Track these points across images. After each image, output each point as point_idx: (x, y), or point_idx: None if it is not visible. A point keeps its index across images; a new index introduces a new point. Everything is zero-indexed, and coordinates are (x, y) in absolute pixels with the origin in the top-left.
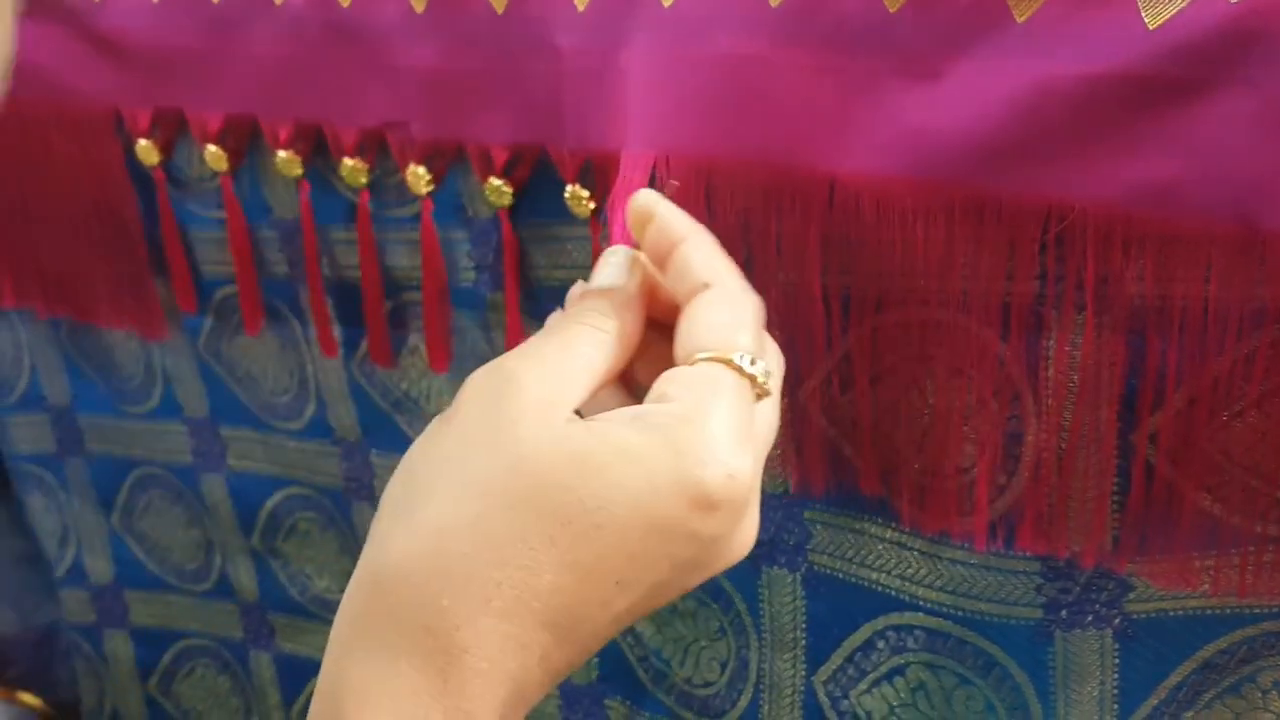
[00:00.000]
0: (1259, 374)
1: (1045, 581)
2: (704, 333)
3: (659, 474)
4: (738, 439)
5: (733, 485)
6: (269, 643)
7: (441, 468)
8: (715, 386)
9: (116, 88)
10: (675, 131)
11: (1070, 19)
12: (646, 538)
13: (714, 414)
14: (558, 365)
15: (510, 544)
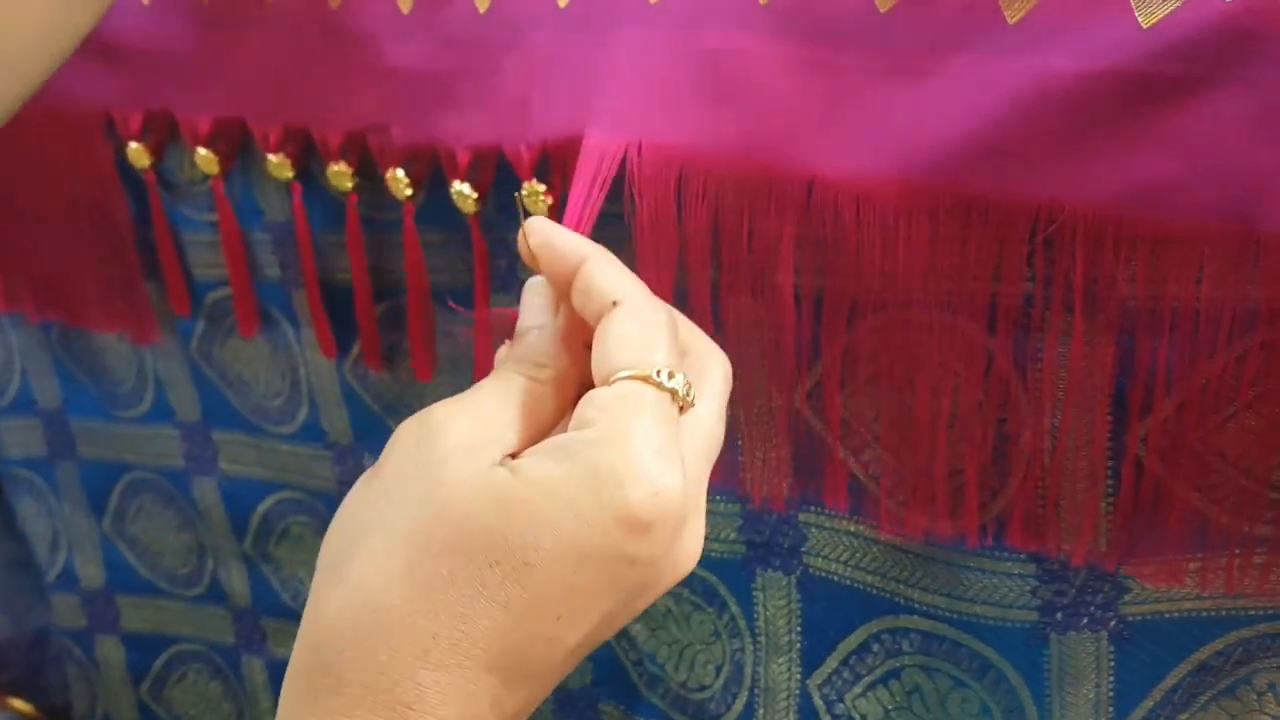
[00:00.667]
0: (1250, 375)
1: (1040, 584)
2: (616, 351)
3: (582, 503)
4: (661, 455)
5: (660, 502)
6: (261, 648)
7: (370, 520)
8: (632, 404)
9: (107, 90)
10: (649, 119)
11: (1063, 19)
12: (580, 569)
13: (633, 433)
14: (486, 411)
15: (440, 592)
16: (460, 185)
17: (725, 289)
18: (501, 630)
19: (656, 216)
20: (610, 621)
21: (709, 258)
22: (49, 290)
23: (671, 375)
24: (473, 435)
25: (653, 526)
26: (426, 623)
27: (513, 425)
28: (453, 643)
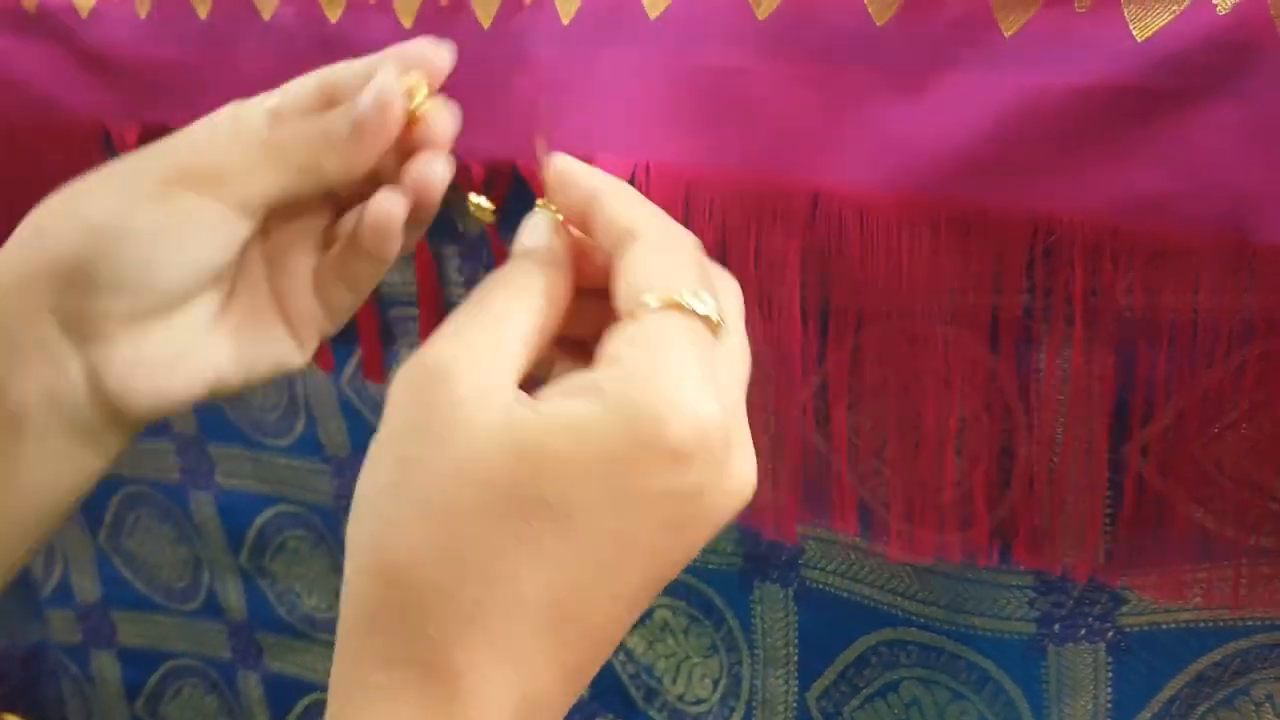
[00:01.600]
0: (1249, 386)
1: (1038, 595)
2: (643, 281)
3: (618, 444)
4: (698, 383)
5: (702, 432)
6: (257, 662)
7: (389, 497)
8: (665, 335)
9: (104, 103)
10: (655, 139)
11: (1058, 33)
12: (624, 514)
13: (668, 365)
14: (487, 342)
15: (479, 559)
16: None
17: None
18: (550, 588)
19: None
20: (667, 560)
21: None
22: None
23: (702, 299)
24: (480, 375)
25: (694, 456)
26: (470, 591)
27: (513, 352)
28: (500, 608)
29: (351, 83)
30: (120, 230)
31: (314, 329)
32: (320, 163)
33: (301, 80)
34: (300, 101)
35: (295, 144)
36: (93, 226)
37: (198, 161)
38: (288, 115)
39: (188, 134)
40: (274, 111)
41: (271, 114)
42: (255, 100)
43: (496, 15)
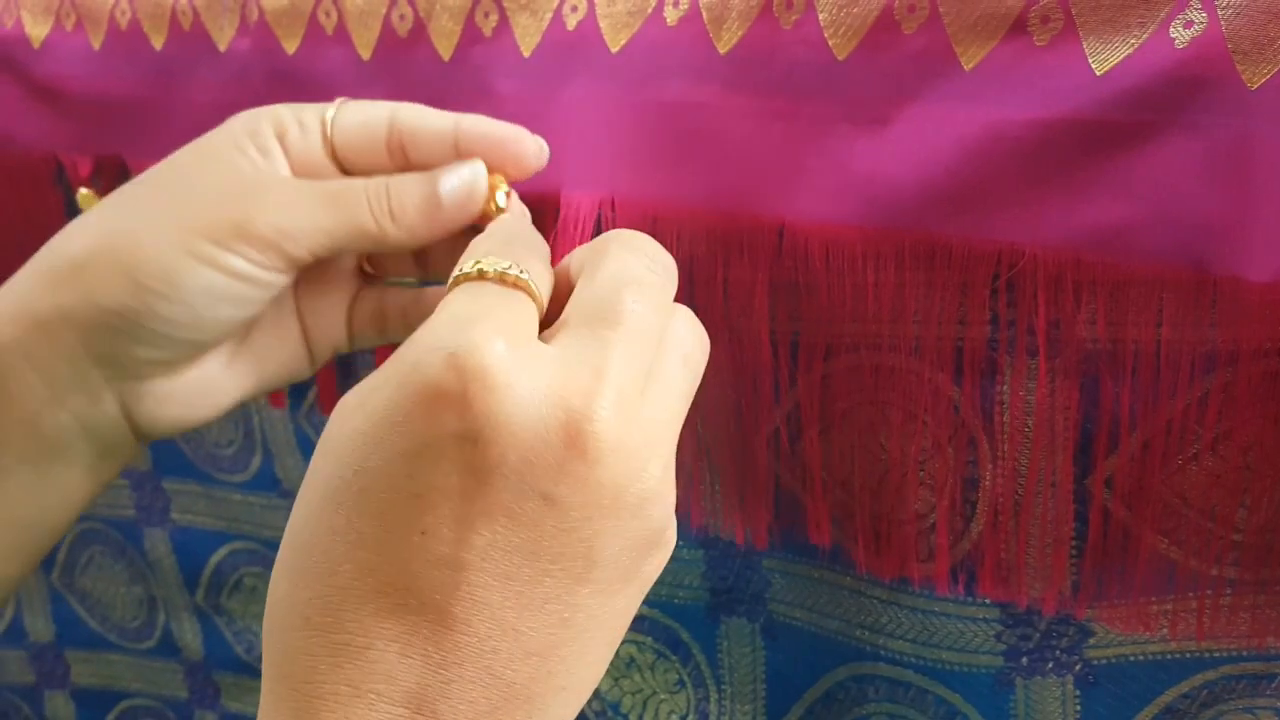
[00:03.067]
0: (1212, 417)
1: (1005, 628)
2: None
3: (387, 399)
4: (460, 324)
5: (457, 362)
6: (215, 703)
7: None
8: (451, 295)
9: (56, 135)
10: (620, 174)
11: (1018, 66)
12: (413, 469)
13: (436, 319)
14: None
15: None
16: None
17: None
18: (369, 570)
19: None
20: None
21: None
22: None
23: (478, 263)
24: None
25: (449, 392)
26: (300, 593)
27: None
28: (324, 600)
29: (427, 140)
30: (170, 291)
31: (331, 349)
32: (384, 231)
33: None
34: (366, 136)
35: (360, 208)
36: (142, 285)
37: (254, 222)
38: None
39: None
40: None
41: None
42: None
43: (456, 47)
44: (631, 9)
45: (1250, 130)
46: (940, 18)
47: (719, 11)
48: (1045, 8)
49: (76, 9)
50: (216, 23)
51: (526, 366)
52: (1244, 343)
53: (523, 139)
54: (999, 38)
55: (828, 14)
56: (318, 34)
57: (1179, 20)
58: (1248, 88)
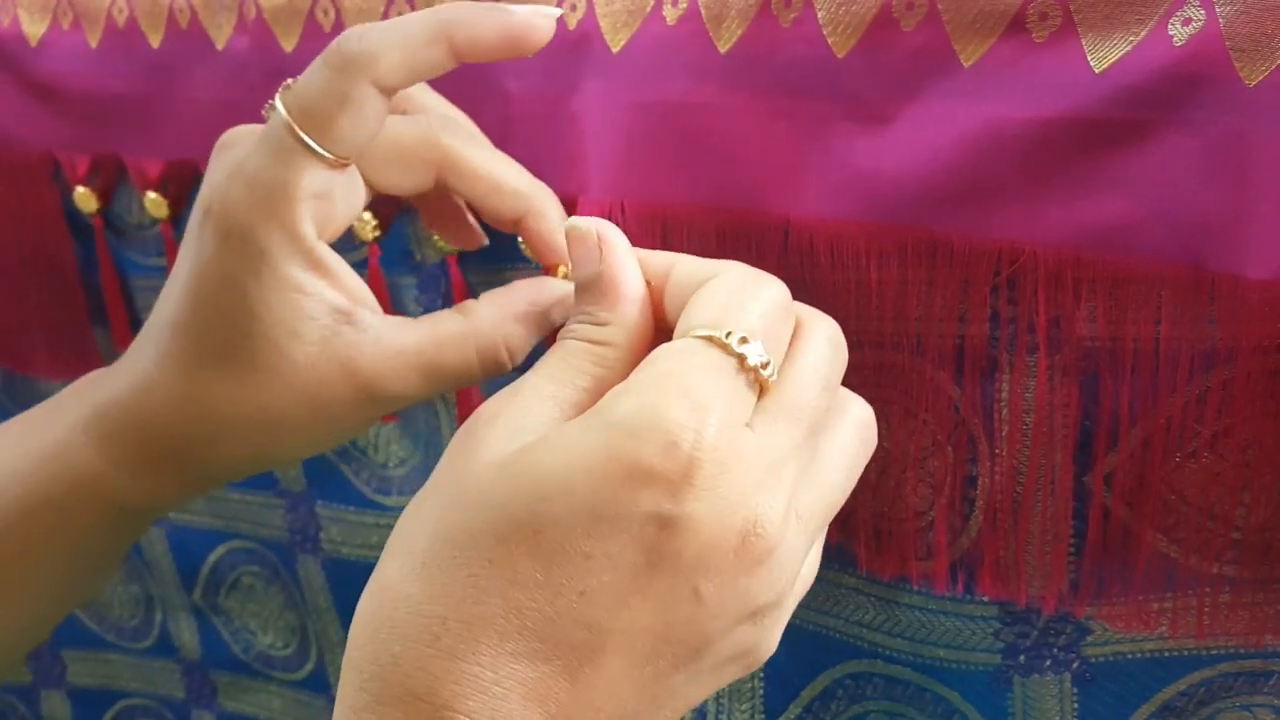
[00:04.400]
0: (1211, 414)
1: (1003, 626)
2: (698, 312)
3: (594, 457)
4: (688, 407)
5: (673, 452)
6: (211, 702)
7: (400, 528)
8: (682, 359)
9: (54, 134)
10: (630, 178)
11: (1017, 63)
12: (594, 533)
13: (661, 382)
14: (532, 395)
15: (452, 578)
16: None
17: None
18: (517, 610)
19: None
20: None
21: None
22: None
23: (746, 340)
24: (512, 423)
25: (656, 476)
26: (435, 608)
27: (569, 400)
28: (463, 626)
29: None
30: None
31: None
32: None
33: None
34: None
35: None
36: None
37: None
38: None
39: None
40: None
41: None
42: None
43: None
44: (630, 7)
45: (1248, 127)
46: (939, 15)
47: (718, 10)
48: (1044, 5)
49: (74, 7)
50: (214, 21)
51: (734, 468)
52: (1243, 340)
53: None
54: (998, 35)
55: (826, 11)
56: (316, 32)
57: (1177, 17)
58: (1245, 85)
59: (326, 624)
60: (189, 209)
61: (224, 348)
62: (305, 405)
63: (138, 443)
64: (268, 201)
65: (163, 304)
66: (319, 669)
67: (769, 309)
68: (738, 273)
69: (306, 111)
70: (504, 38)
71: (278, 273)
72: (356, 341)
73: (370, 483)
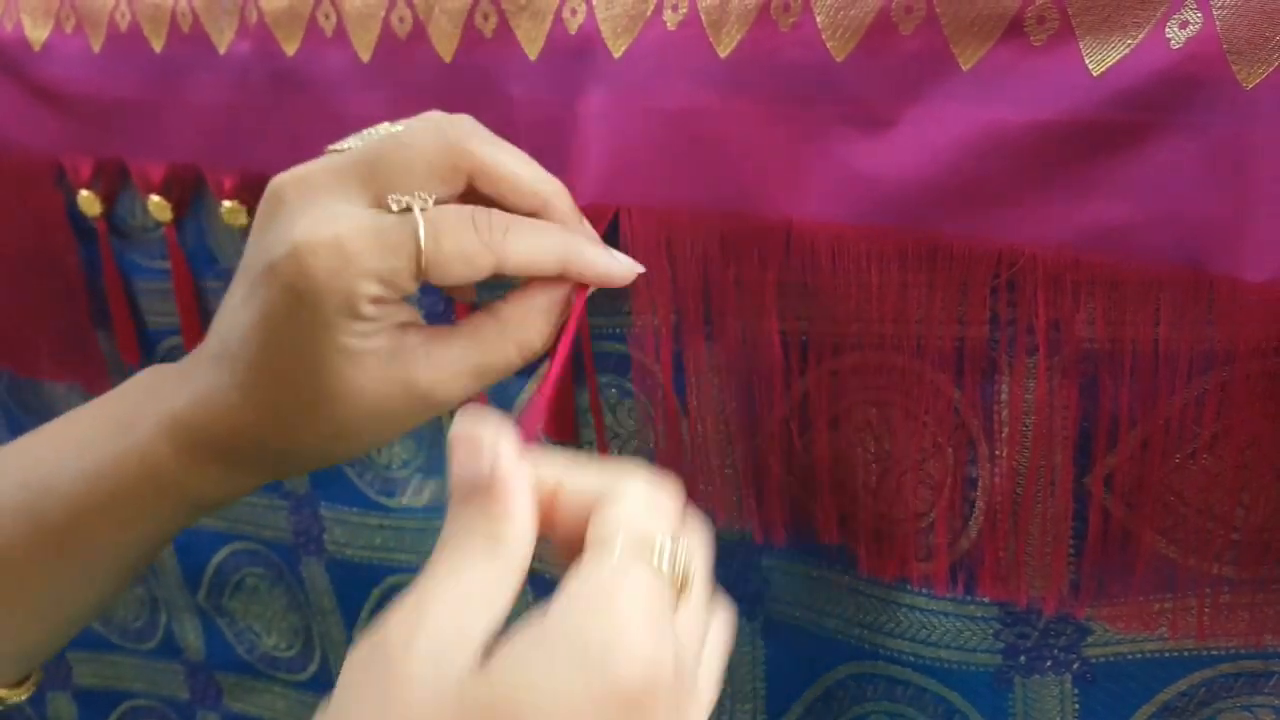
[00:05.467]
0: (1210, 416)
1: (1004, 627)
2: (619, 519)
3: (570, 690)
4: (649, 630)
5: (651, 677)
6: (216, 703)
7: None
8: (624, 581)
9: (57, 138)
10: (634, 183)
11: (1015, 67)
12: None
13: (622, 609)
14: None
15: None
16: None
17: (716, 335)
18: None
19: (651, 275)
20: None
21: (702, 308)
22: None
23: (666, 558)
24: (435, 646)
25: (642, 705)
26: None
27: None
28: None
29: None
30: None
31: None
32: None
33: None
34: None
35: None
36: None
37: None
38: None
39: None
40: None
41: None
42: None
43: (457, 49)
44: (630, 12)
45: (1246, 130)
46: (938, 19)
47: (717, 15)
48: (1041, 8)
49: (76, 11)
50: (216, 25)
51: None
52: (1241, 342)
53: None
54: (996, 38)
55: (825, 16)
56: (317, 35)
57: (1174, 20)
58: (1243, 87)
59: (330, 625)
60: (191, 212)
61: (297, 383)
62: (370, 418)
63: (219, 451)
64: (350, 283)
65: (230, 332)
66: (323, 670)
67: (676, 510)
68: (644, 476)
69: (437, 259)
70: (602, 276)
71: (345, 328)
72: (412, 359)
73: (374, 484)
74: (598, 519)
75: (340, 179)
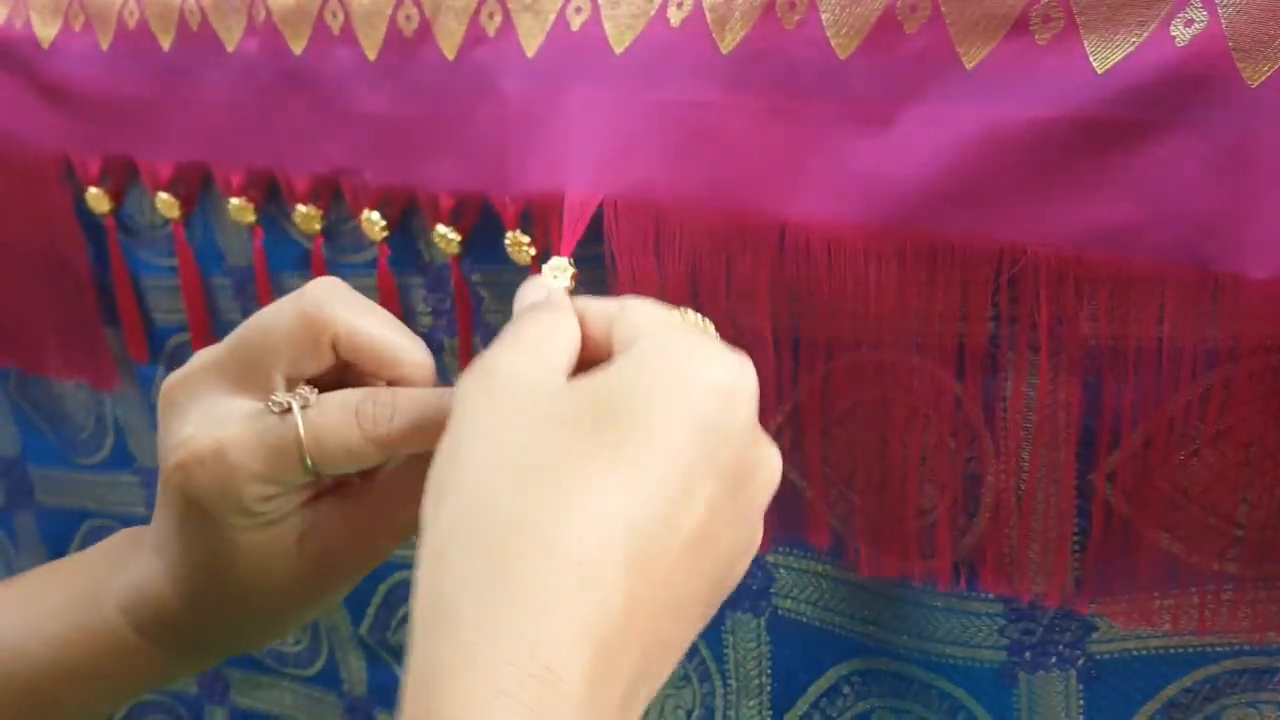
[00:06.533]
0: (1213, 413)
1: (1008, 623)
2: (644, 317)
3: (678, 379)
4: (727, 348)
5: (742, 373)
6: (224, 698)
7: (462, 456)
8: (683, 326)
9: (66, 135)
10: (623, 173)
11: (1019, 65)
12: (686, 439)
13: (698, 335)
14: (535, 343)
15: (552, 490)
16: (444, 229)
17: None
18: (626, 513)
19: (636, 268)
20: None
21: (689, 305)
22: (6, 338)
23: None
24: (539, 362)
25: (738, 392)
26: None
27: (561, 351)
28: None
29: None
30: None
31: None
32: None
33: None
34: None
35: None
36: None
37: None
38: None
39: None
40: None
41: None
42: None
43: (460, 47)
44: (635, 11)
45: (1251, 127)
46: (942, 17)
47: (722, 12)
48: (1046, 7)
49: (85, 9)
50: (224, 23)
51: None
52: (1245, 339)
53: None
54: (1000, 37)
55: (830, 14)
56: (325, 34)
57: (1180, 18)
58: (1248, 85)
59: (337, 620)
60: (200, 209)
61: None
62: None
63: (165, 635)
64: (238, 488)
65: (157, 526)
66: (330, 665)
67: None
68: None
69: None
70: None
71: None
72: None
73: None
74: (621, 320)
75: (220, 375)
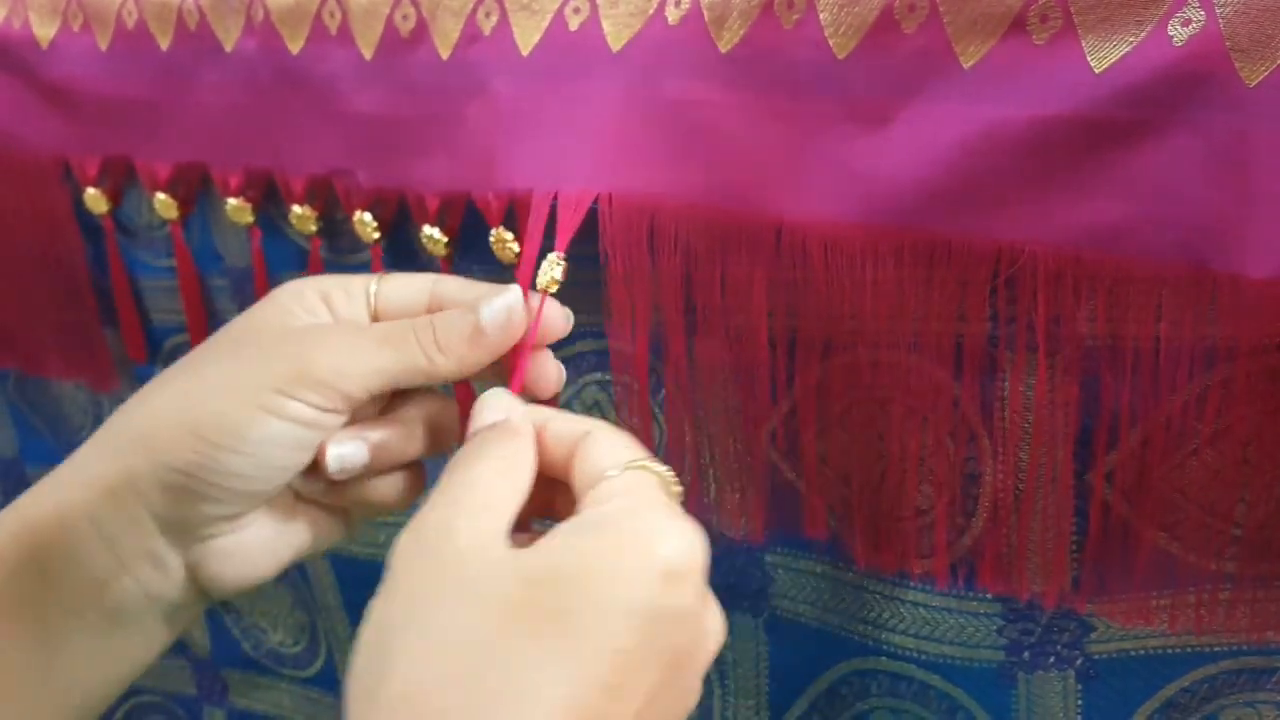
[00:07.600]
0: (1211, 412)
1: (1007, 623)
2: (608, 455)
3: (623, 565)
4: (679, 518)
5: (691, 554)
6: (222, 699)
7: (400, 634)
8: (639, 484)
9: (64, 136)
10: (617, 170)
11: (1016, 64)
12: (629, 629)
13: (655, 502)
14: (476, 502)
15: (495, 680)
16: (430, 230)
17: (700, 332)
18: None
19: (630, 266)
20: (659, 697)
21: (683, 302)
22: (4, 338)
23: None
24: (478, 525)
25: (685, 576)
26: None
27: (502, 508)
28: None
29: (461, 296)
30: (237, 444)
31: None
32: (434, 363)
33: (412, 282)
34: (409, 305)
35: (410, 344)
36: (210, 442)
37: (314, 367)
38: (393, 314)
39: (294, 331)
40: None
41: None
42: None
43: (455, 46)
44: (633, 10)
45: (1248, 127)
46: (940, 16)
47: (720, 11)
48: (1044, 6)
49: (83, 9)
50: (222, 23)
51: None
52: (1243, 339)
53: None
54: (998, 36)
55: (829, 13)
56: (322, 34)
57: (1177, 18)
58: (1246, 85)
59: (335, 622)
60: (198, 210)
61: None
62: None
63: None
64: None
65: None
66: (328, 666)
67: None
68: (608, 425)
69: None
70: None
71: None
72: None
73: None
74: (584, 452)
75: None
